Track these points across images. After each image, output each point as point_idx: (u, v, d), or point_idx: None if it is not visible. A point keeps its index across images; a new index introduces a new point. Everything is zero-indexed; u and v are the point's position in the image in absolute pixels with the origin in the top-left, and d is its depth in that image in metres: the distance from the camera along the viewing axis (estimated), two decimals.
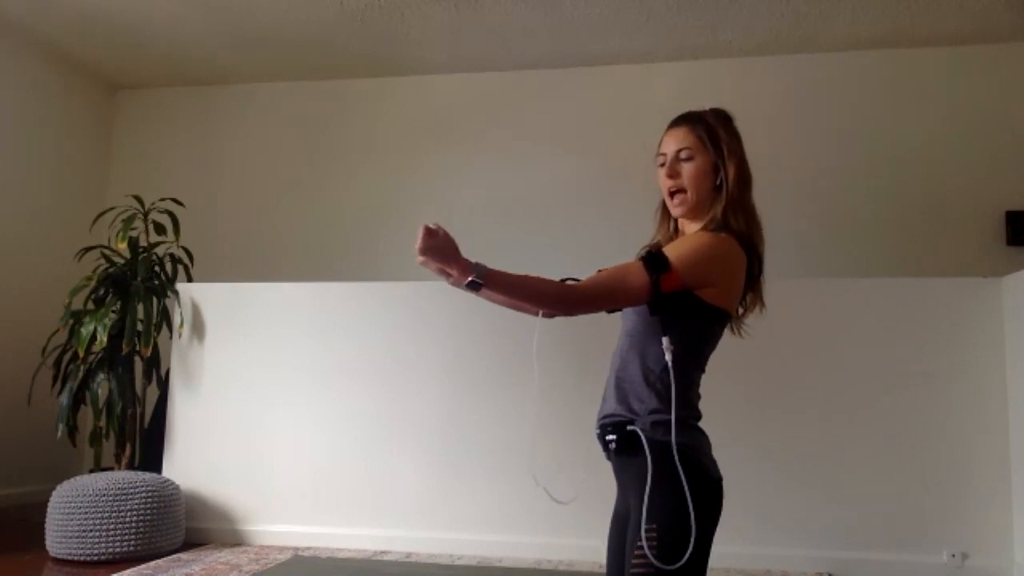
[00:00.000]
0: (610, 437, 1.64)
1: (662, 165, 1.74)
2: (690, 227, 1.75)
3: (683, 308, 1.60)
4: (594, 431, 1.72)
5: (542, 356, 3.26)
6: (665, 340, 1.59)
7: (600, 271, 1.64)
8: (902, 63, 4.92)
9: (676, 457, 1.54)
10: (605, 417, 1.68)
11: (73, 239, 4.90)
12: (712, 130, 1.71)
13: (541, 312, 1.66)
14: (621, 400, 1.65)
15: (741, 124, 1.82)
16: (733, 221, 1.67)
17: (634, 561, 1.54)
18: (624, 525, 1.64)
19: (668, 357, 1.58)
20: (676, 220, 1.79)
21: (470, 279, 1.53)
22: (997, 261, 4.50)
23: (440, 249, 1.52)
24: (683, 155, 1.70)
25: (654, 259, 1.59)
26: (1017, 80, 4.79)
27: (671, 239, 1.77)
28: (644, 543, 1.52)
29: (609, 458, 1.70)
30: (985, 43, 4.81)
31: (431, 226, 1.51)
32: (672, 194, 1.72)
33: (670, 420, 1.56)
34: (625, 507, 1.66)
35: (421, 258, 1.52)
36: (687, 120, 1.74)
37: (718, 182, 1.70)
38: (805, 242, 4.81)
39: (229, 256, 5.29)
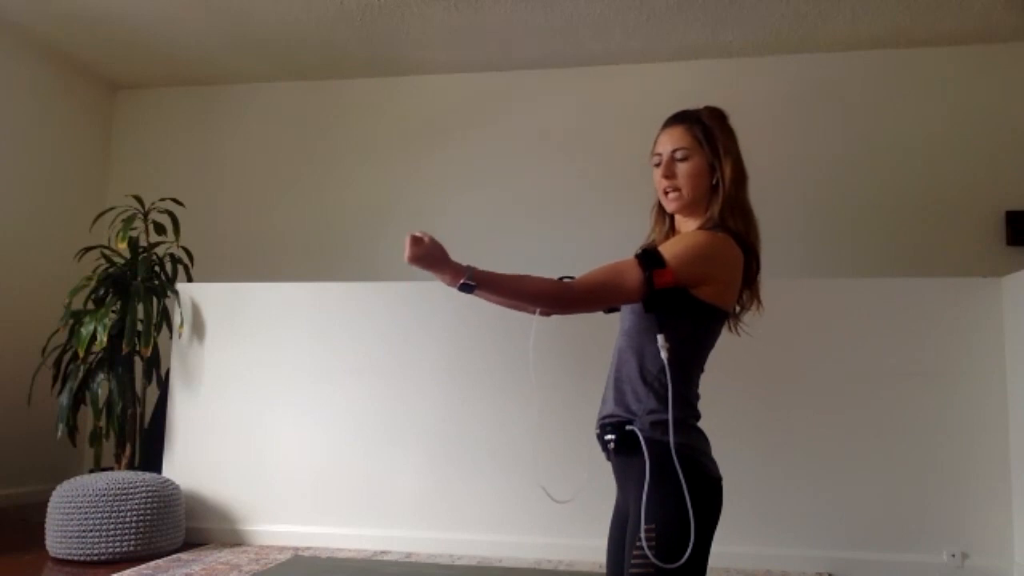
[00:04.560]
0: (609, 437, 1.64)
1: (657, 164, 1.74)
2: (686, 225, 1.75)
3: (678, 306, 1.60)
4: (594, 431, 1.72)
5: (543, 356, 3.26)
6: (660, 338, 1.59)
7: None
8: (902, 63, 4.92)
9: (674, 457, 1.54)
10: (604, 418, 1.68)
11: (73, 239, 4.90)
12: (708, 129, 1.71)
13: (538, 311, 1.67)
14: (619, 400, 1.65)
15: (741, 124, 1.82)
16: (730, 220, 1.67)
17: (633, 561, 1.54)
18: (624, 525, 1.64)
19: (664, 355, 1.58)
20: (672, 220, 1.79)
21: (461, 282, 1.54)
22: (997, 261, 4.49)
23: (428, 256, 1.54)
24: (679, 155, 1.70)
25: (648, 255, 1.59)
26: (1017, 80, 4.79)
27: (667, 238, 1.78)
28: (643, 542, 1.52)
29: (609, 458, 1.70)
30: (985, 43, 4.81)
31: (417, 234, 1.54)
32: (667, 192, 1.72)
33: (669, 420, 1.56)
34: (625, 507, 1.66)
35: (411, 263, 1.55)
36: (682, 119, 1.74)
37: (714, 181, 1.70)
38: (805, 242, 4.81)
39: (229, 256, 5.29)
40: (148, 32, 4.94)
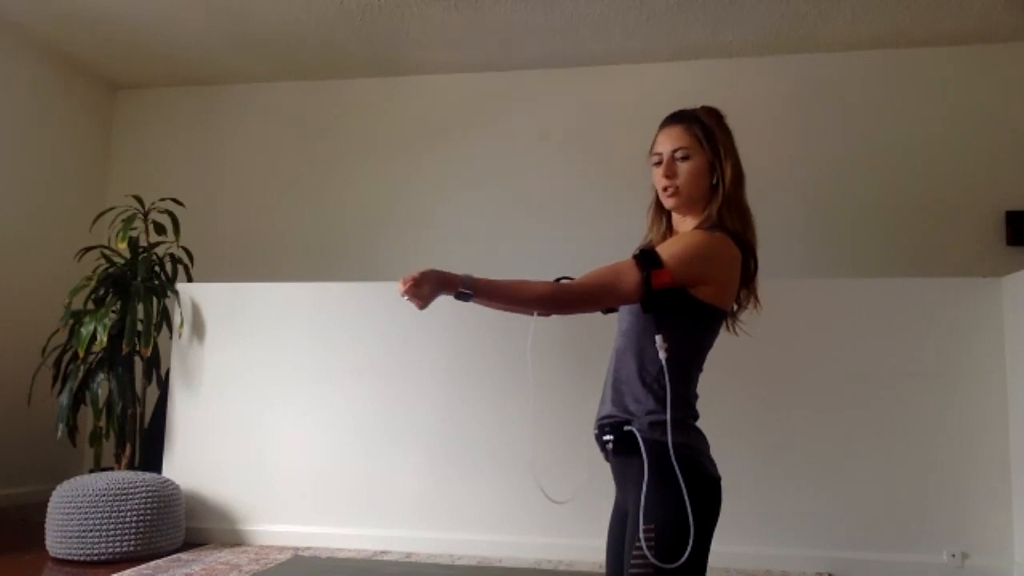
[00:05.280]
0: (607, 438, 1.64)
1: (657, 164, 1.74)
2: (684, 224, 1.75)
3: (677, 306, 1.60)
4: (592, 432, 1.72)
5: (542, 356, 3.25)
6: (658, 338, 1.59)
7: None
8: (902, 63, 4.92)
9: (673, 457, 1.54)
10: (602, 418, 1.68)
11: (73, 239, 4.90)
12: (708, 129, 1.71)
13: (536, 312, 1.67)
14: (617, 401, 1.65)
15: (741, 124, 1.82)
16: (728, 220, 1.67)
17: (633, 561, 1.53)
18: (623, 525, 1.64)
19: (662, 355, 1.58)
20: (669, 219, 1.79)
21: (458, 290, 1.56)
22: (997, 261, 4.49)
23: (432, 291, 1.56)
24: (679, 154, 1.70)
25: (646, 256, 1.59)
26: (1017, 80, 4.79)
27: (665, 238, 1.77)
28: (642, 543, 1.52)
29: (607, 459, 1.70)
30: (985, 43, 4.81)
31: (409, 280, 1.55)
32: (666, 191, 1.72)
33: (667, 420, 1.56)
34: (624, 507, 1.65)
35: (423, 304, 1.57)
36: (682, 119, 1.73)
37: (714, 181, 1.70)
38: (805, 242, 4.81)
39: (229, 256, 5.29)
40: (148, 32, 4.94)
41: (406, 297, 1.55)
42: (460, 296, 1.57)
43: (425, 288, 1.56)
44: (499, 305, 1.64)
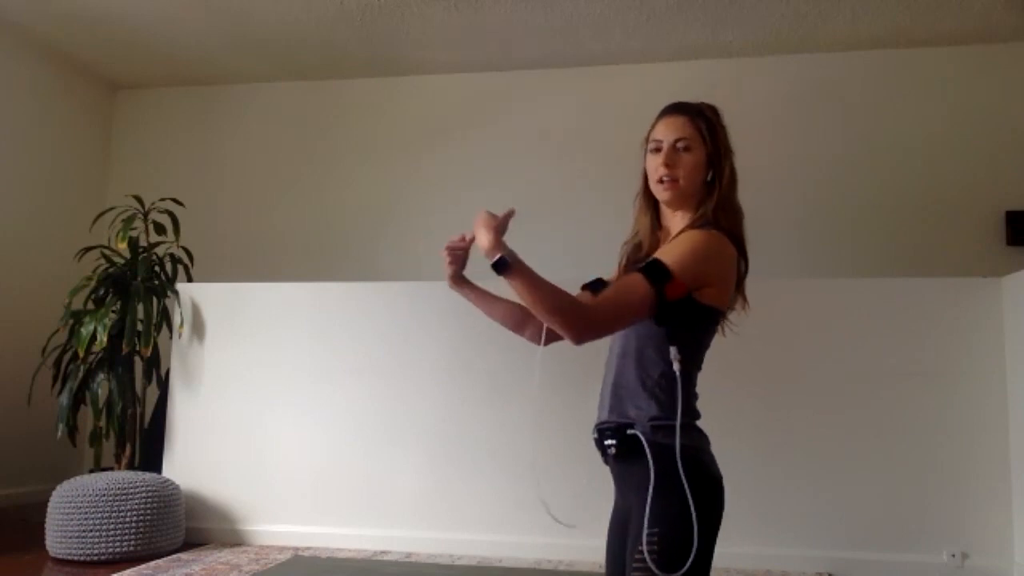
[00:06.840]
0: (609, 442, 1.61)
1: (656, 151, 1.70)
2: (674, 219, 1.72)
3: (683, 313, 1.58)
4: (591, 436, 1.70)
5: (543, 356, 3.23)
6: (673, 350, 1.57)
7: (599, 293, 1.61)
8: (902, 63, 4.92)
9: (679, 461, 1.52)
10: (602, 423, 1.66)
11: (73, 239, 4.89)
12: (712, 125, 1.69)
13: (543, 337, 1.67)
14: (616, 407, 1.63)
15: (741, 124, 1.82)
16: (723, 219, 1.65)
17: (635, 566, 1.52)
18: (623, 529, 1.62)
19: (676, 367, 1.56)
20: (657, 209, 1.76)
21: (499, 256, 1.50)
22: (997, 261, 4.49)
23: (495, 235, 1.55)
24: (681, 145, 1.67)
25: (655, 270, 1.55)
26: (1017, 80, 4.79)
27: (651, 230, 1.75)
28: (645, 548, 1.50)
29: (607, 462, 1.68)
30: (985, 43, 4.81)
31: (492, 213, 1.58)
32: (662, 181, 1.68)
33: (671, 424, 1.55)
34: (625, 511, 1.64)
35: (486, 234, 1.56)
36: (686, 111, 1.71)
37: (709, 177, 1.69)
38: (805, 242, 4.81)
39: (229, 256, 5.29)
40: (148, 32, 4.94)
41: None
42: (498, 263, 1.50)
43: (493, 221, 1.56)
44: (525, 294, 1.54)
